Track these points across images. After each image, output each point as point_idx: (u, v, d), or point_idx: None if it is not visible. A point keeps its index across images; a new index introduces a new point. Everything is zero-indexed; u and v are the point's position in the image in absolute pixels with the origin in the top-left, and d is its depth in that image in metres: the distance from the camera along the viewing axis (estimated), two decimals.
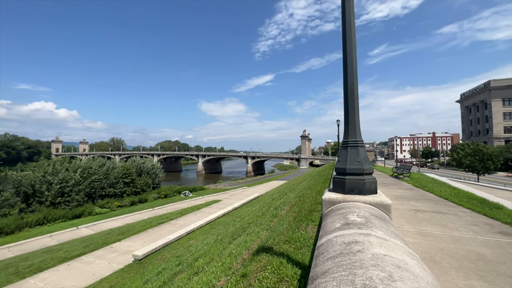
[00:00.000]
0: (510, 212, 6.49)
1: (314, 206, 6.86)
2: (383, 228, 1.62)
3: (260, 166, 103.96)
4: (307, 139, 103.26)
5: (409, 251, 1.31)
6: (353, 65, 3.09)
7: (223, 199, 25.81)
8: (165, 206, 24.09)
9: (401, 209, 7.07)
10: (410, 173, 16.80)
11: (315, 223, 5.30)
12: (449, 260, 3.63)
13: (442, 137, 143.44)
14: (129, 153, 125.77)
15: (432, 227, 5.32)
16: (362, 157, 2.90)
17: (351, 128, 3.02)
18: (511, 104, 64.11)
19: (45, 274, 9.91)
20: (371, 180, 2.83)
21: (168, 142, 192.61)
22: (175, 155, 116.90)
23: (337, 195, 2.81)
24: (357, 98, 3.07)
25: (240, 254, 5.32)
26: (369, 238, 1.35)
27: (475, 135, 74.08)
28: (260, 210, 12.64)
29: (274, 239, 5.00)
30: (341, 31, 3.19)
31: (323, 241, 1.57)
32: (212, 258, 6.59)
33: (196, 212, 19.96)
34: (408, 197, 9.08)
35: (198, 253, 8.33)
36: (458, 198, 8.47)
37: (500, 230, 5.11)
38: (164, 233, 14.28)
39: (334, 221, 1.93)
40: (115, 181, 32.46)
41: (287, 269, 3.24)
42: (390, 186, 12.36)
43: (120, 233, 14.97)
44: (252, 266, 3.94)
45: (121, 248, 12.49)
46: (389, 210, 2.49)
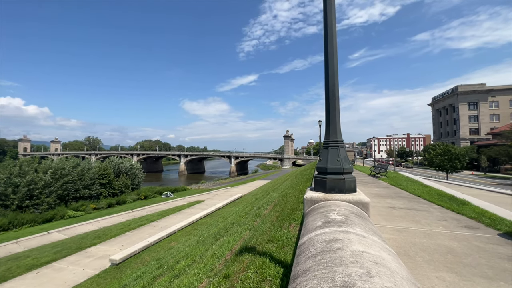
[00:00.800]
0: (475, 207, 7.02)
1: (297, 205, 6.96)
2: (362, 226, 1.67)
3: (243, 166, 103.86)
4: (290, 139, 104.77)
5: (385, 247, 1.36)
6: (334, 68, 3.16)
7: (206, 200, 25.45)
8: (145, 208, 23.29)
9: (379, 206, 7.39)
10: (386, 172, 17.64)
11: (297, 222, 5.38)
12: (421, 254, 3.85)
13: (415, 138, 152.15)
14: (106, 153, 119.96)
15: (407, 223, 5.61)
16: (343, 157, 2.99)
17: (332, 129, 3.10)
18: (475, 108, 69.50)
19: (10, 283, 9.16)
20: (350, 179, 2.92)
21: (148, 141, 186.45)
22: (156, 155, 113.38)
23: (319, 194, 2.86)
24: (338, 100, 3.16)
25: (223, 255, 5.26)
26: (349, 236, 1.38)
27: (445, 136, 79.36)
28: (243, 210, 12.62)
29: (257, 238, 5.00)
30: (323, 34, 3.25)
31: (305, 240, 1.59)
32: (194, 259, 6.47)
33: (178, 213, 19.50)
34: (385, 195, 9.52)
35: (179, 255, 8.14)
36: (429, 196, 9.02)
37: (466, 224, 5.51)
38: (144, 235, 13.79)
39: (316, 219, 1.96)
40: (91, 182, 30.80)
41: (269, 269, 3.26)
42: (368, 185, 12.88)
43: (96, 237, 14.23)
44: (235, 266, 3.91)
45: (97, 252, 11.88)
46: (367, 208, 2.58)
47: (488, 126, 66.98)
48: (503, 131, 53.00)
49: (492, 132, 61.59)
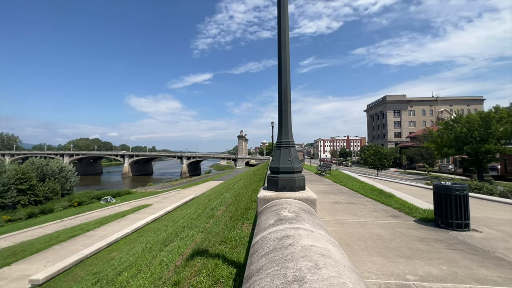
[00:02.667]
0: (398, 199, 8.31)
1: (250, 205, 7.07)
2: (310, 221, 1.79)
3: (196, 166, 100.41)
4: (244, 140, 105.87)
5: (330, 239, 1.49)
6: (287, 72, 3.32)
7: (153, 203, 23.70)
8: (79, 216, 20.36)
9: (324, 202, 8.08)
10: (330, 170, 19.44)
11: (250, 221, 5.46)
12: (358, 242, 4.36)
13: (354, 140, 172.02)
14: (27, 153, 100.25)
15: (347, 216, 6.29)
16: (293, 157, 3.16)
17: (284, 130, 3.25)
18: (399, 115, 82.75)
19: None
20: (300, 177, 3.11)
21: (85, 140, 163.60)
22: (94, 156, 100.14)
23: (271, 192, 2.96)
24: (289, 103, 3.32)
25: (173, 261, 4.98)
26: (299, 232, 1.46)
27: (376, 138, 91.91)
28: (196, 212, 12.19)
29: (210, 240, 4.89)
30: (277, 39, 3.39)
31: (258, 239, 1.62)
32: (140, 269, 5.94)
33: (121, 220, 17.65)
34: (329, 192, 10.47)
35: (122, 266, 7.36)
36: (364, 190, 10.30)
37: (392, 214, 6.48)
38: (77, 248, 12.02)
39: (268, 218, 2.02)
40: (4, 189, 25.34)
41: (222, 270, 3.22)
42: (315, 183, 13.97)
43: (10, 255, 11.77)
44: (186, 272, 3.74)
45: (11, 274, 9.84)
46: (315, 204, 2.79)
47: (407, 130, 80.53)
48: (417, 135, 64.54)
49: (410, 136, 74.28)
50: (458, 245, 4.25)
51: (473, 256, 3.78)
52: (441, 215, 5.23)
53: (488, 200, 8.91)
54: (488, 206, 7.94)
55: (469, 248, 4.11)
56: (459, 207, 5.03)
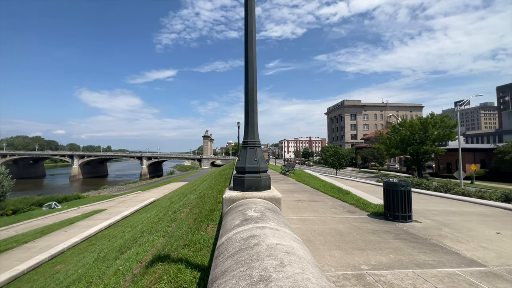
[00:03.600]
0: (354, 196, 9.02)
1: (215, 206, 6.94)
2: (275, 220, 1.82)
3: (158, 167, 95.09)
4: (209, 139, 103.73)
5: (294, 236, 1.54)
6: (254, 72, 3.34)
7: (108, 208, 21.71)
8: (14, 226, 17.59)
9: (288, 200, 8.36)
10: (294, 170, 20.21)
11: (215, 223, 5.36)
12: (319, 238, 4.61)
13: (315, 140, 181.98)
14: None
15: (309, 213, 6.59)
16: (259, 157, 3.19)
17: (250, 130, 3.26)
18: (355, 119, 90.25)
19: None
20: (266, 177, 3.15)
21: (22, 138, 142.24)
22: (34, 156, 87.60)
23: (237, 192, 2.94)
24: (256, 103, 3.35)
25: (130, 269, 4.61)
26: (264, 231, 1.47)
27: (335, 140, 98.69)
28: (157, 216, 11.52)
29: (172, 245, 4.66)
30: (244, 40, 3.38)
31: (223, 240, 1.58)
32: (91, 281, 5.37)
33: (68, 228, 15.76)
34: (293, 190, 10.87)
35: (68, 279, 6.57)
36: (325, 188, 10.95)
37: (348, 209, 7.00)
38: (11, 262, 10.35)
39: (234, 218, 2.00)
40: None
41: (185, 275, 3.09)
42: (279, 182, 14.37)
43: None
44: (145, 280, 3.50)
45: None
46: (280, 202, 2.86)
47: (362, 132, 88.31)
48: (370, 137, 71.21)
49: (364, 137, 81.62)
50: (403, 235, 4.78)
51: (414, 244, 4.29)
52: (390, 209, 5.83)
53: (426, 194, 10.25)
54: (425, 199, 9.12)
55: (411, 237, 4.66)
56: (404, 201, 5.67)
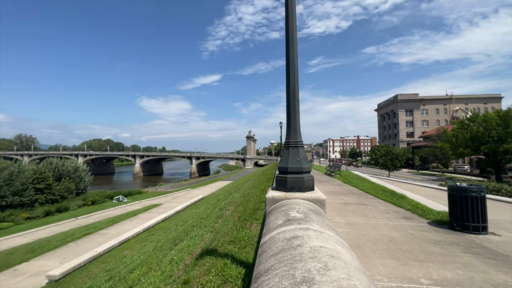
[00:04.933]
0: (410, 200, 8.09)
1: (259, 205, 7.07)
2: (319, 222, 1.77)
3: (205, 166, 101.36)
4: (252, 140, 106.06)
5: (340, 240, 1.47)
6: (295, 72, 3.31)
7: (164, 203, 24.09)
8: (93, 214, 20.97)
9: (333, 203, 7.98)
10: (340, 171, 19.17)
11: (259, 221, 5.46)
12: (369, 244, 4.28)
13: (364, 140, 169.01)
14: (44, 153, 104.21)
15: (357, 217, 6.18)
16: (302, 157, 3.13)
17: (292, 130, 3.23)
18: (411, 115, 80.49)
19: None
20: (309, 178, 3.08)
21: (97, 140, 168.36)
22: (106, 156, 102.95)
23: (280, 193, 2.95)
24: (298, 102, 3.30)
25: (182, 260, 5.04)
26: (308, 232, 1.45)
27: (387, 138, 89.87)
28: (205, 212, 12.30)
29: (219, 240, 4.92)
30: (285, 40, 3.38)
31: (266, 239, 1.61)
32: (151, 267, 6.05)
33: (132, 219, 18.04)
34: (339, 192, 10.32)
35: (133, 264, 7.52)
36: (375, 192, 10.09)
37: (404, 215, 6.32)
38: (91, 245, 12.38)
39: (277, 218, 2.01)
40: (22, 188, 26.41)
41: (231, 270, 3.23)
42: (324, 183, 13.82)
43: (28, 251, 12.26)
44: (195, 271, 3.78)
45: (29, 269, 10.24)
46: (324, 204, 2.76)
47: (420, 130, 78.26)
48: (430, 134, 62.60)
49: (423, 135, 72.18)
50: (475, 248, 4.09)
51: (491, 260, 3.62)
52: (457, 218, 5.05)
53: (508, 203, 8.54)
54: (507, 208, 7.61)
55: (487, 252, 3.95)
56: (476, 209, 4.84)
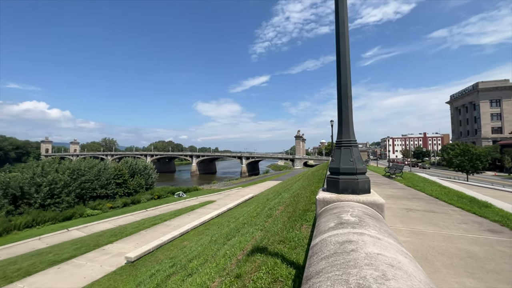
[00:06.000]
0: (499, 210, 6.65)
1: (309, 206, 6.89)
2: (377, 227, 1.63)
3: (254, 166, 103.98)
4: (301, 140, 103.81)
5: (402, 249, 1.32)
6: (347, 67, 3.11)
7: (217, 200, 25.69)
8: (159, 207, 23.83)
9: (394, 208, 7.18)
10: (402, 172, 17.09)
11: (309, 223, 5.32)
12: (440, 258, 3.70)
13: (432, 137, 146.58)
14: (122, 153, 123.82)
15: (424, 225, 5.41)
16: (356, 157, 2.93)
17: (344, 129, 3.05)
18: (498, 106, 65.90)
19: (34, 278, 9.65)
20: (364, 179, 2.86)
21: (161, 142, 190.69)
22: (168, 156, 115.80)
23: (331, 194, 2.82)
24: (350, 99, 3.10)
25: (235, 255, 5.29)
26: (363, 237, 1.35)
27: (464, 135, 75.87)
28: (255, 211, 12.63)
29: (269, 239, 4.99)
30: (335, 34, 3.21)
31: (317, 241, 1.57)
32: (206, 259, 6.54)
33: (190, 213, 19.81)
34: (401, 196, 9.23)
35: (192, 254, 8.26)
36: (448, 197, 8.65)
37: (489, 228, 5.24)
38: (158, 234, 14.11)
39: (328, 220, 1.93)
40: (107, 182, 31.90)
41: (281, 269, 3.24)
42: (382, 186, 12.54)
43: (112, 235, 14.72)
44: (247, 266, 3.93)
45: (113, 250, 12.28)
46: (382, 209, 2.52)
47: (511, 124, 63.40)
48: None
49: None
50: None
51: None
52: None
53: None
54: None
55: None
56: None
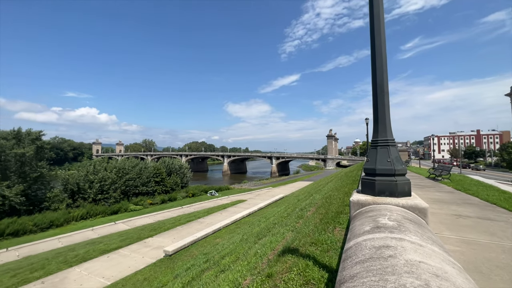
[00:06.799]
0: None
1: (342, 208, 6.61)
2: (418, 233, 1.50)
3: (284, 166, 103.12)
4: (333, 139, 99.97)
5: (449, 259, 1.20)
6: (383, 61, 2.92)
7: (248, 199, 26.07)
8: (193, 205, 25.03)
9: (440, 213, 6.52)
10: (450, 174, 15.39)
11: (342, 226, 5.11)
12: (498, 272, 3.25)
13: (488, 135, 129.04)
14: (160, 154, 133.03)
15: (478, 234, 4.81)
16: (394, 157, 2.73)
17: (381, 127, 2.87)
18: None
19: (88, 264, 10.89)
20: (404, 181, 2.65)
21: (195, 143, 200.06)
22: (201, 156, 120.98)
23: (366, 196, 2.67)
24: (387, 95, 2.90)
25: (265, 254, 5.32)
26: (402, 243, 1.26)
27: None
28: (285, 211, 12.53)
29: (300, 240, 4.92)
30: (369, 27, 3.04)
31: (351, 244, 1.51)
32: (238, 257, 6.69)
33: (222, 211, 20.43)
34: (448, 201, 8.33)
35: (224, 251, 8.51)
36: (509, 204, 7.56)
37: None
38: (192, 230, 14.84)
39: (363, 223, 1.84)
40: (147, 180, 34.55)
41: (313, 272, 3.17)
42: (426, 189, 11.46)
43: (152, 229, 15.89)
44: (278, 266, 3.92)
45: (153, 243, 13.25)
46: (425, 214, 2.31)
47: None
48: None
49: None
50: None
51: None
52: None
53: None
54: None
55: None
56: None
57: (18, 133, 27.48)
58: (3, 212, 21.58)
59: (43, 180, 26.68)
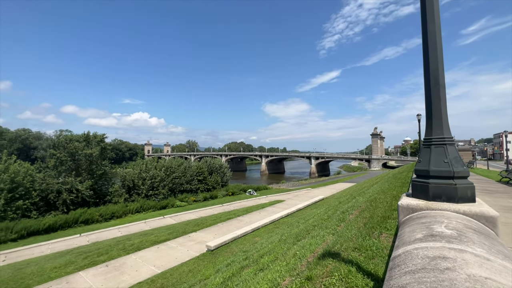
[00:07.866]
0: None
1: (389, 213, 6.09)
2: (485, 246, 1.30)
3: (324, 167, 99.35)
4: (379, 138, 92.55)
5: None
6: (437, 48, 2.60)
7: (286, 200, 25.84)
8: (233, 203, 25.86)
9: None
10: None
11: (390, 232, 4.70)
12: None
13: None
14: (202, 153, 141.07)
15: None
16: (452, 157, 2.41)
17: (435, 123, 2.55)
18: None
19: (142, 252, 12.15)
20: (466, 185, 2.31)
21: (234, 143, 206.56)
22: (240, 156, 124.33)
23: (418, 201, 2.41)
24: (443, 87, 2.57)
25: (305, 256, 5.21)
26: (464, 255, 1.10)
27: None
28: (326, 213, 12.07)
29: (342, 245, 4.69)
30: (420, 11, 2.74)
31: (400, 252, 1.38)
32: (277, 257, 6.69)
33: (261, 211, 20.65)
34: None
35: (263, 250, 8.60)
36: None
37: None
38: (232, 228, 15.35)
39: (414, 230, 1.67)
40: (191, 178, 36.94)
41: (356, 279, 3.00)
42: (497, 195, 9.82)
43: (195, 225, 16.93)
44: (318, 270, 3.80)
45: (196, 238, 14.11)
46: (495, 224, 1.98)
47: None
48: None
49: None
50: None
51: None
52: None
53: None
54: None
55: None
56: None
57: (87, 136, 32.37)
58: (77, 204, 25.64)
59: (106, 177, 31.06)
